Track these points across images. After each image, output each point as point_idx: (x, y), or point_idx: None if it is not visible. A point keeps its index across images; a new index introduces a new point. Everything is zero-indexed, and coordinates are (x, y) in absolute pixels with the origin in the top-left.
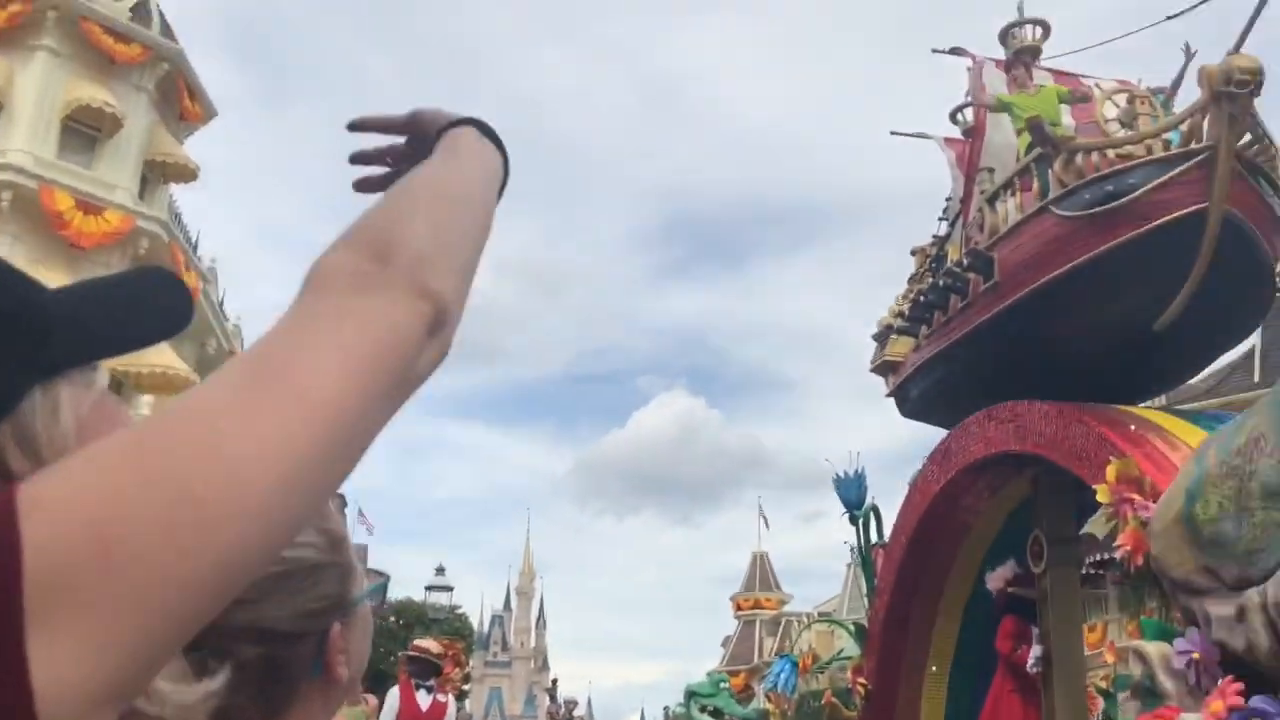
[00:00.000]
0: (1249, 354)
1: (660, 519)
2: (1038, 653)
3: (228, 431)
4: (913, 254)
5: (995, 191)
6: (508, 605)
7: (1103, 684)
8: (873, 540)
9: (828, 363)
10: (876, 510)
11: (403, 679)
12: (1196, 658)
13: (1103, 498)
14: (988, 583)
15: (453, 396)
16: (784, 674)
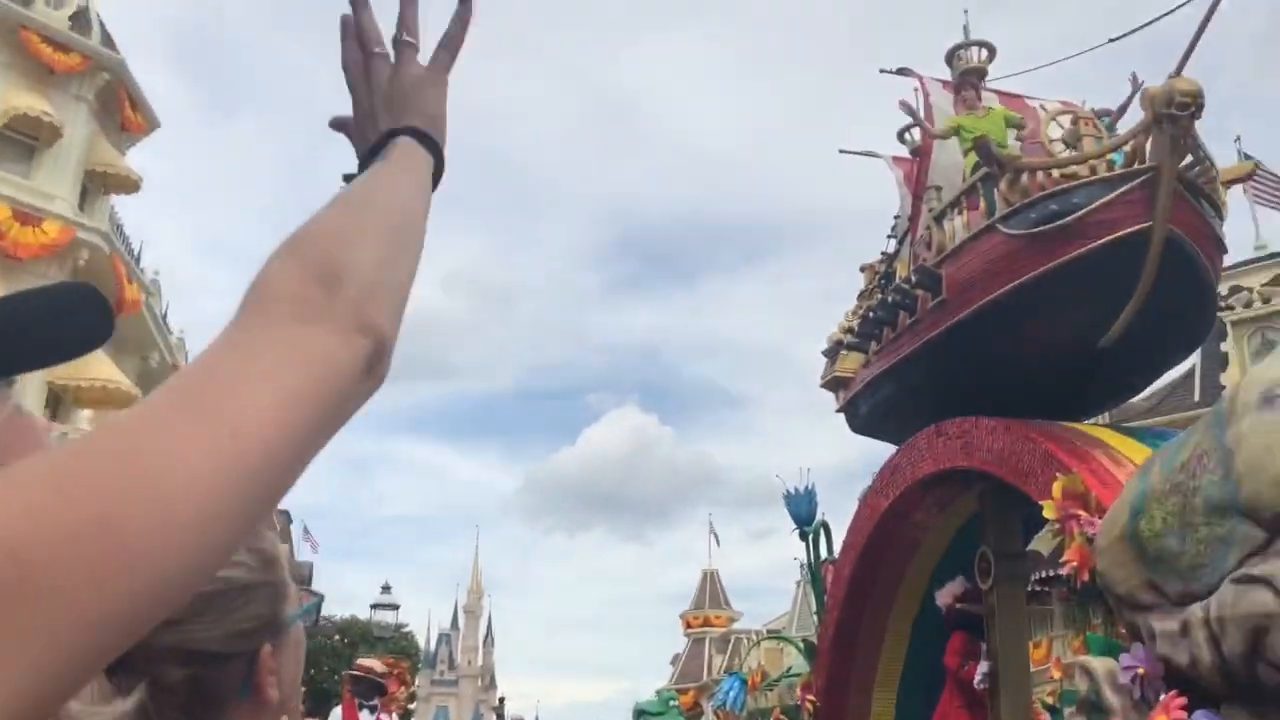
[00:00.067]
0: (1189, 373)
1: (611, 536)
2: (985, 669)
3: (156, 462)
4: (862, 270)
5: (943, 210)
6: (455, 624)
7: (1049, 700)
8: (823, 556)
9: (779, 379)
10: (826, 526)
11: (346, 698)
12: (1142, 673)
13: (1049, 514)
14: (937, 599)
15: (401, 412)
16: (733, 692)
